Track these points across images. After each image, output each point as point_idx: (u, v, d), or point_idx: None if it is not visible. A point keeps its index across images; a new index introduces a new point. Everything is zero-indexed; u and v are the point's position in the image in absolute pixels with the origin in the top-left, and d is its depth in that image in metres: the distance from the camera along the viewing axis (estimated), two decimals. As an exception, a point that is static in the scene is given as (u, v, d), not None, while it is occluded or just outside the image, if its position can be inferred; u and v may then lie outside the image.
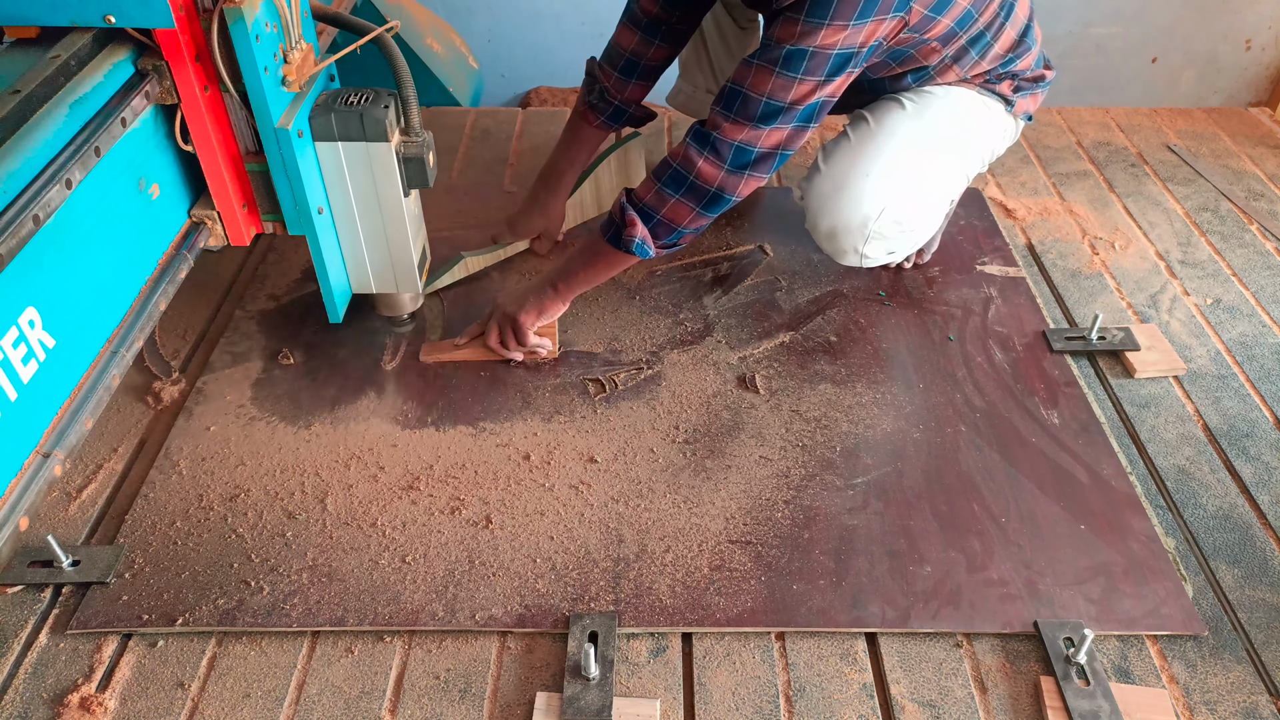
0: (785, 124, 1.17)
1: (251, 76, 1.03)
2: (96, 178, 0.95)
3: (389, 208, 1.22)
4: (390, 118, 1.15)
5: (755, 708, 0.99)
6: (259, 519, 1.17)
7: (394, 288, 1.34)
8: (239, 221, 1.17)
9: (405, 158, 1.19)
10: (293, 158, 1.11)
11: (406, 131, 1.19)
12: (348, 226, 1.25)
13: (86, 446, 1.29)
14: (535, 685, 1.00)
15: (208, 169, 1.12)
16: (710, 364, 1.40)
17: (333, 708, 0.99)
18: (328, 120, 1.13)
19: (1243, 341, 1.46)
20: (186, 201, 1.16)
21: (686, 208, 1.23)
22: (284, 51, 1.09)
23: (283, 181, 1.13)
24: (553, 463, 1.25)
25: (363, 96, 1.15)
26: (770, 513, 1.18)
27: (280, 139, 1.09)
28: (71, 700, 0.98)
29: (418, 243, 1.31)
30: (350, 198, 1.21)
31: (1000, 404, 1.33)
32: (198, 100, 1.05)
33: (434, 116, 2.09)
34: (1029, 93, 1.41)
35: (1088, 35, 2.45)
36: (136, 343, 1.03)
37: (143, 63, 1.02)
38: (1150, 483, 1.23)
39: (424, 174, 1.20)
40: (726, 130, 1.18)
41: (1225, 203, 1.79)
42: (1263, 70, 2.51)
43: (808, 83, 1.14)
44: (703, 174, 1.20)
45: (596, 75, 1.50)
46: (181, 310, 1.53)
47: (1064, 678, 0.99)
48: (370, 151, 1.16)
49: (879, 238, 1.38)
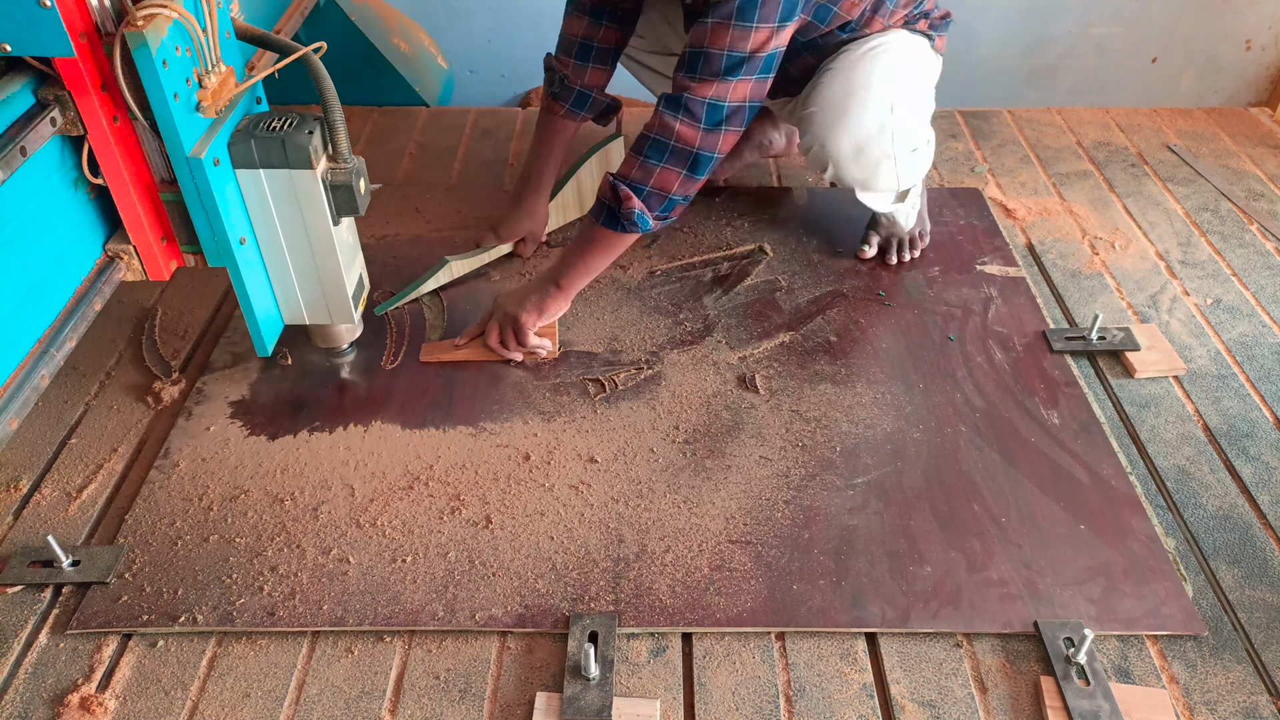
0: (749, 74, 1.22)
1: (159, 104, 0.97)
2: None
3: (318, 237, 1.17)
4: (315, 143, 1.09)
5: (755, 708, 0.99)
6: (259, 519, 1.17)
7: (328, 319, 1.29)
8: (156, 256, 1.12)
9: (332, 185, 1.13)
10: (207, 187, 1.04)
11: (334, 158, 1.13)
12: (275, 257, 1.19)
13: (87, 446, 1.29)
14: (535, 685, 1.00)
15: (120, 202, 1.06)
16: (710, 364, 1.40)
17: (333, 708, 0.99)
18: (248, 147, 1.08)
19: (1243, 341, 1.46)
20: (101, 236, 1.11)
21: (673, 173, 1.26)
22: (198, 76, 1.03)
23: (199, 212, 1.07)
24: (553, 463, 1.25)
25: (287, 121, 1.10)
26: (770, 513, 1.18)
27: (194, 168, 1.03)
28: (71, 700, 0.98)
29: (352, 272, 1.25)
30: (276, 227, 1.16)
31: (1000, 404, 1.33)
32: (105, 131, 0.99)
33: (434, 116, 2.09)
34: (940, 31, 1.48)
35: (1088, 35, 2.45)
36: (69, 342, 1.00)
37: (43, 93, 0.95)
38: (1150, 483, 1.23)
39: (353, 202, 1.15)
40: (696, 90, 1.22)
41: (1225, 203, 1.79)
42: (1263, 70, 2.51)
43: (764, 29, 1.20)
44: (681, 136, 1.24)
45: (554, 66, 1.53)
46: (181, 310, 1.53)
47: (1064, 678, 0.99)
48: (294, 179, 1.11)
49: (901, 136, 1.39)
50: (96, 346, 1.46)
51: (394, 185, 1.84)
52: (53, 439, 1.30)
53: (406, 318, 1.50)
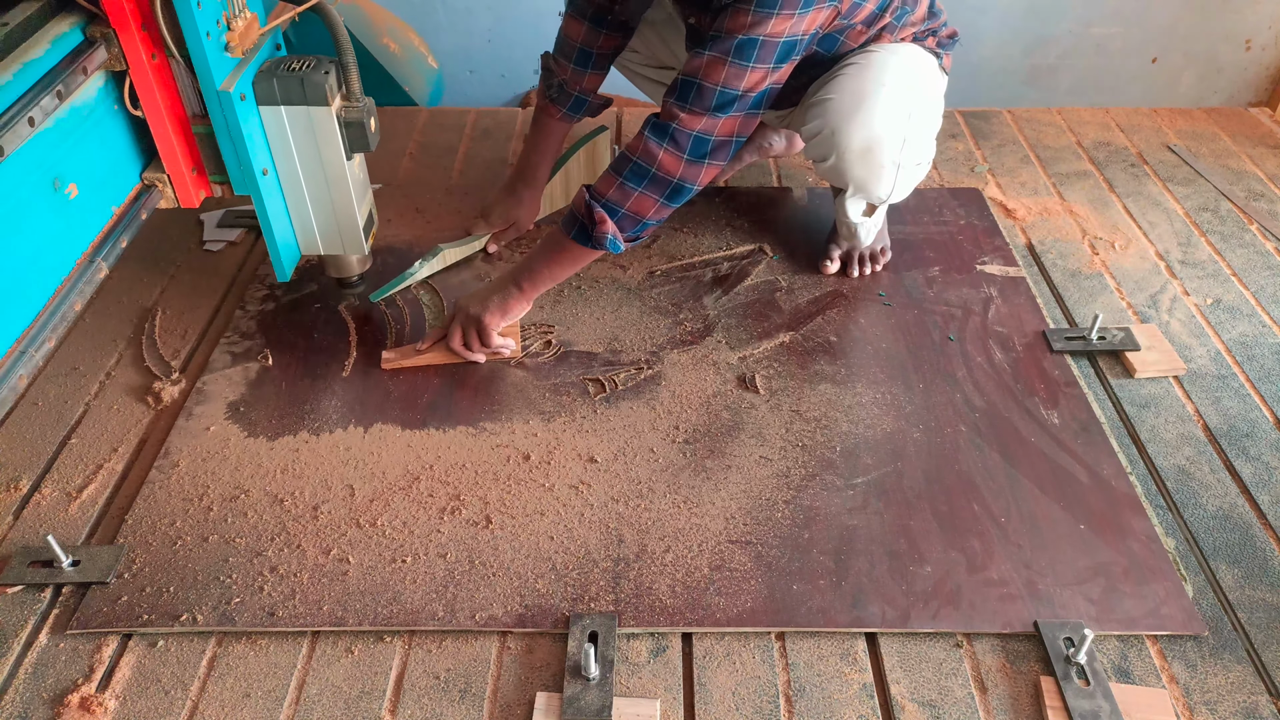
0: (739, 111, 1.22)
1: (194, 41, 1.07)
2: None
3: (332, 171, 1.27)
4: (330, 83, 1.19)
5: (755, 708, 0.99)
6: (259, 519, 1.17)
7: (341, 249, 1.38)
8: (188, 184, 1.22)
9: (346, 122, 1.23)
10: (235, 120, 1.15)
11: (348, 97, 1.23)
12: (293, 189, 1.29)
13: (87, 446, 1.29)
14: (535, 685, 1.00)
15: (157, 133, 1.16)
16: (710, 364, 1.40)
17: (333, 708, 0.99)
18: (270, 85, 1.18)
19: (1243, 341, 1.46)
20: (139, 164, 1.22)
21: (650, 200, 1.26)
22: (227, 19, 1.13)
23: (227, 144, 1.18)
24: (553, 463, 1.25)
25: (305, 63, 1.19)
26: (770, 513, 1.18)
27: (223, 102, 1.13)
28: (71, 700, 0.98)
29: (363, 206, 1.35)
30: (295, 161, 1.25)
31: (1000, 404, 1.33)
32: (145, 67, 1.09)
33: (434, 116, 2.09)
34: (947, 50, 1.47)
35: (1088, 35, 2.45)
36: (48, 342, 1.05)
37: (91, 30, 1.06)
38: (1150, 483, 1.23)
39: (365, 138, 1.25)
40: (684, 121, 1.22)
41: (1225, 203, 1.79)
42: (1263, 70, 2.51)
43: (759, 70, 1.19)
44: (664, 166, 1.23)
45: (553, 69, 1.54)
46: (181, 310, 1.53)
47: (1064, 678, 0.99)
48: (312, 115, 1.20)
49: (912, 148, 1.37)
50: (96, 346, 1.46)
51: (394, 185, 1.84)
52: (53, 439, 1.30)
53: (407, 318, 1.50)
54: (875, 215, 1.51)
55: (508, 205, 1.64)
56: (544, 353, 1.42)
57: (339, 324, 1.49)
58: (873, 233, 1.55)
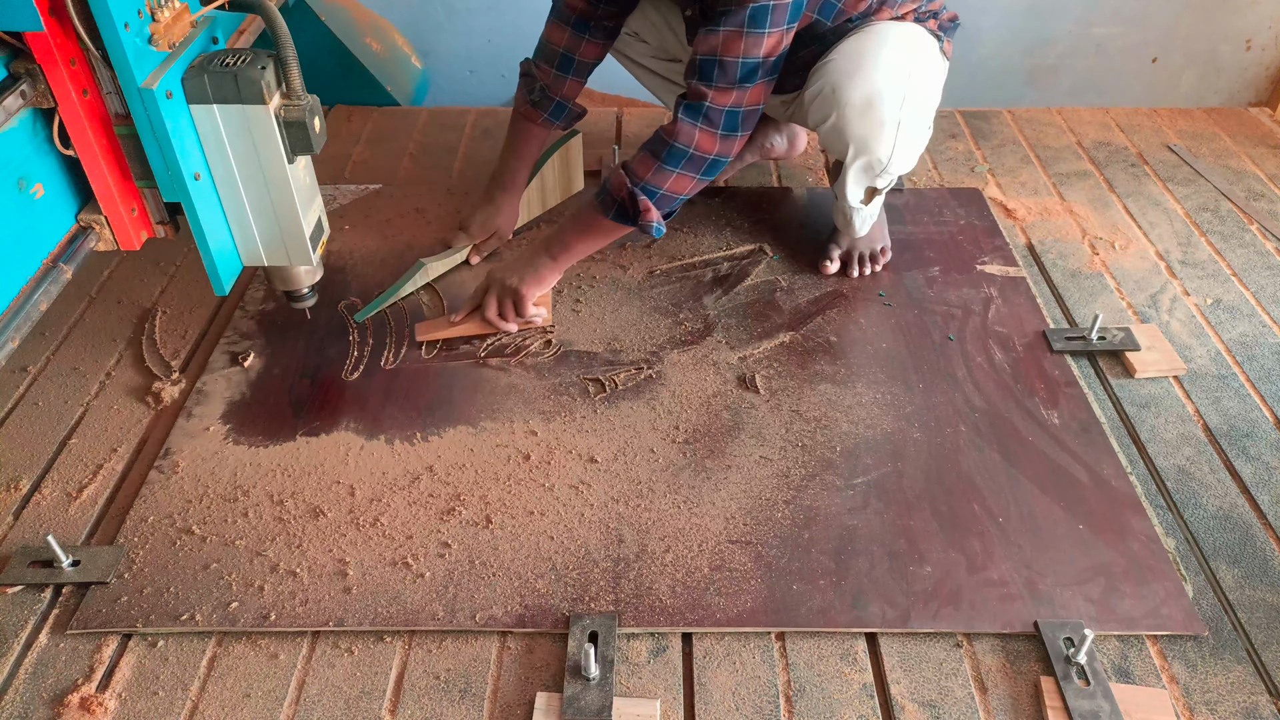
0: (763, 78, 1.26)
1: (110, 33, 0.97)
2: None
3: (274, 175, 1.17)
4: (268, 79, 1.08)
5: (755, 708, 0.99)
6: (259, 519, 1.17)
7: (286, 260, 1.27)
8: (127, 225, 1.14)
9: (286, 121, 1.13)
10: (160, 120, 1.04)
11: (288, 95, 1.14)
12: (231, 195, 1.19)
13: (87, 446, 1.29)
14: (535, 685, 1.00)
15: (91, 173, 1.07)
16: (710, 364, 1.40)
17: (333, 708, 0.99)
18: (201, 81, 1.08)
19: (1243, 341, 1.46)
20: (74, 205, 1.13)
21: (689, 178, 1.30)
22: (151, 8, 1.05)
23: (152, 145, 1.08)
24: (553, 463, 1.25)
25: (241, 58, 1.10)
26: (770, 513, 1.18)
27: (146, 100, 1.02)
28: (71, 700, 0.98)
29: (310, 213, 1.25)
30: (231, 164, 1.16)
31: (1000, 404, 1.33)
32: (75, 104, 1.02)
33: (434, 116, 2.09)
34: (949, 35, 1.47)
35: (1088, 35, 2.45)
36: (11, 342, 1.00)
37: (15, 66, 0.98)
38: (1150, 483, 1.23)
39: (308, 139, 1.15)
40: (715, 98, 1.25)
41: (1225, 203, 1.79)
42: (1263, 70, 2.51)
43: (775, 34, 1.23)
44: (701, 145, 1.27)
45: (534, 74, 1.54)
46: (181, 310, 1.53)
47: (1064, 678, 0.99)
48: (248, 114, 1.10)
49: (912, 106, 1.35)
50: (96, 346, 1.46)
51: (394, 185, 1.84)
52: (53, 439, 1.30)
53: (406, 317, 1.50)
54: (873, 204, 1.49)
55: (487, 214, 1.62)
56: (544, 353, 1.42)
57: (340, 324, 1.49)
58: (869, 223, 1.54)
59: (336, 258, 1.63)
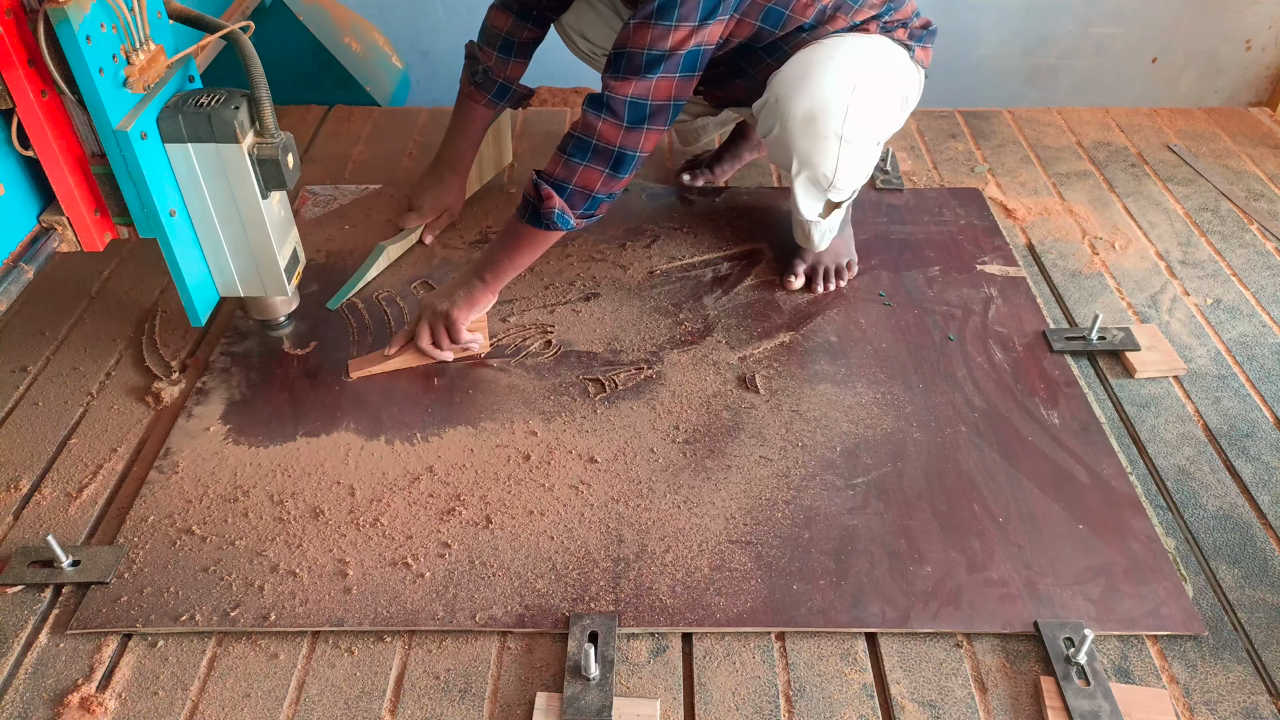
0: (670, 72, 1.23)
1: (84, 78, 1.01)
2: None
3: (248, 211, 1.22)
4: (241, 118, 1.13)
5: (755, 708, 0.99)
6: (259, 519, 1.17)
7: (262, 291, 1.33)
8: (89, 227, 1.15)
9: (260, 159, 1.18)
10: (135, 160, 1.08)
11: (261, 133, 1.18)
12: (207, 230, 1.24)
13: (87, 447, 1.29)
14: (535, 685, 1.00)
15: (52, 174, 1.09)
16: (710, 364, 1.40)
17: (333, 708, 0.99)
18: (175, 121, 1.12)
19: (1243, 341, 1.46)
20: (36, 207, 1.13)
21: (596, 172, 1.27)
22: (126, 52, 1.06)
23: (128, 185, 1.11)
24: (553, 463, 1.25)
25: (215, 98, 1.14)
26: (770, 513, 1.18)
27: (120, 141, 1.07)
28: (71, 700, 0.98)
29: (285, 246, 1.29)
30: (207, 201, 1.20)
31: (1000, 404, 1.33)
32: (33, 105, 1.02)
33: (434, 117, 2.09)
34: (922, 42, 1.45)
35: (1088, 35, 2.45)
36: None
37: None
38: (1150, 483, 1.23)
39: (280, 176, 1.19)
40: (618, 88, 1.24)
41: (1225, 203, 1.79)
42: (1263, 70, 2.51)
43: (683, 28, 1.20)
44: (604, 135, 1.25)
45: (477, 56, 1.58)
46: (181, 310, 1.53)
47: (1064, 678, 0.99)
48: (221, 153, 1.15)
49: (856, 121, 1.33)
50: (96, 346, 1.46)
51: (394, 185, 1.84)
52: (53, 439, 1.30)
53: (405, 316, 1.50)
54: (831, 218, 1.46)
55: (437, 194, 1.66)
56: (544, 353, 1.42)
57: (340, 324, 1.49)
58: (828, 238, 1.51)
59: (337, 258, 1.63)
